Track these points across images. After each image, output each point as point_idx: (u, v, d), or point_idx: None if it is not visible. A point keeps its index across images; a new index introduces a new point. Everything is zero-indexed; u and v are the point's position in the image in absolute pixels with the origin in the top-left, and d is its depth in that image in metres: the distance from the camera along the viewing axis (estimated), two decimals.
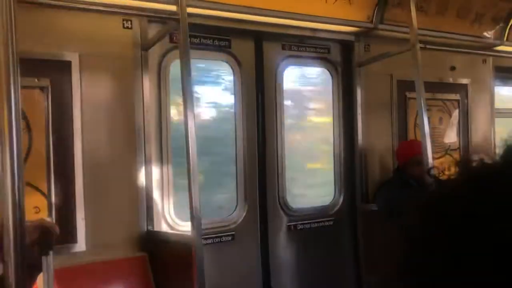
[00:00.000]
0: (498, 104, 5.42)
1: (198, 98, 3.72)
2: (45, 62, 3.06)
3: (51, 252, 2.06)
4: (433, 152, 3.79)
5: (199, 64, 3.84)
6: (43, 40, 3.03)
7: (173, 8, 2.97)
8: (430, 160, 3.65)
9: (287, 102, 4.19)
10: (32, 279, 1.96)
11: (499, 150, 0.66)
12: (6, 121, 1.64)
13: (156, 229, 3.40)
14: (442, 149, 4.86)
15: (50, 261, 2.10)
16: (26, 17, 2.66)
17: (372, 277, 4.25)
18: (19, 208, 1.64)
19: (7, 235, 1.63)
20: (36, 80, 3.02)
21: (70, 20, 3.14)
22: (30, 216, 2.30)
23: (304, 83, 4.50)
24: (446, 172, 0.70)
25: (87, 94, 3.19)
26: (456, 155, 4.86)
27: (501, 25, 5.02)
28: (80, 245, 3.13)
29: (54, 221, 2.90)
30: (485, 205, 0.60)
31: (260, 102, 4.00)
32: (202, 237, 2.91)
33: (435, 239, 0.64)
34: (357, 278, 4.39)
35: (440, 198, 0.68)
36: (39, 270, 1.96)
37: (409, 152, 4.08)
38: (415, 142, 4.37)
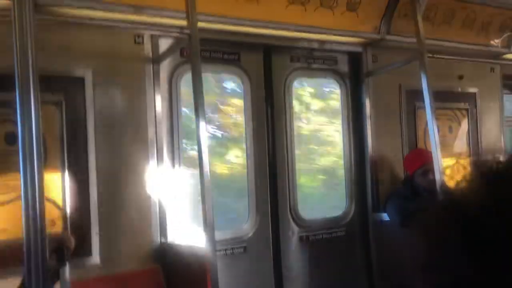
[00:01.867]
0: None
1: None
2: (59, 78, 3.12)
3: (67, 263, 2.10)
4: (443, 161, 3.80)
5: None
6: (57, 57, 3.10)
7: (183, 23, 3.02)
8: (440, 169, 3.65)
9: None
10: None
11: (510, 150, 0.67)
12: (28, 137, 1.69)
13: (169, 241, 3.43)
14: (452, 158, 4.86)
15: (66, 272, 2.14)
16: (40, 34, 2.73)
17: (384, 286, 4.23)
18: (40, 221, 1.68)
19: (29, 246, 1.67)
20: (50, 95, 3.08)
21: (83, 36, 3.20)
22: (46, 229, 2.34)
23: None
24: (456, 177, 0.72)
25: (100, 108, 3.24)
26: (466, 162, 4.85)
27: (508, 33, 5.04)
28: (95, 258, 3.15)
29: (71, 236, 2.93)
30: (501, 200, 0.62)
31: (269, 113, 4.04)
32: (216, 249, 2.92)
33: (453, 238, 0.65)
34: (369, 287, 4.37)
35: (455, 197, 0.70)
36: (55, 279, 2.00)
37: (417, 162, 4.08)
38: (423, 151, 4.38)
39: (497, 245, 0.60)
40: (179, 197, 3.57)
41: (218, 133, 4.03)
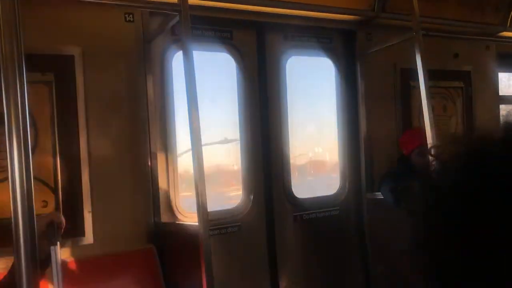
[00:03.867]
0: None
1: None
2: (48, 57, 3.07)
3: (58, 244, 2.09)
4: (437, 141, 3.79)
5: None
6: (46, 35, 3.04)
7: (174, 0, 2.97)
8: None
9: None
10: (41, 271, 1.99)
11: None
12: (14, 117, 1.66)
13: (163, 221, 3.43)
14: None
15: (58, 253, 2.13)
16: (28, 12, 2.67)
17: (378, 266, 4.27)
18: (28, 202, 1.66)
19: (17, 228, 1.65)
20: (40, 75, 3.03)
21: (72, 14, 3.14)
22: (38, 210, 2.32)
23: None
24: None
25: (91, 87, 3.20)
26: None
27: (504, 11, 4.99)
28: (88, 238, 3.15)
29: (61, 214, 2.92)
30: (482, 181, 0.61)
31: (263, 92, 4.00)
32: (209, 228, 2.93)
33: (435, 220, 0.65)
34: (363, 267, 4.41)
35: (437, 178, 0.69)
36: (48, 262, 1.99)
37: (414, 142, 4.07)
38: (419, 131, 4.36)
39: (479, 227, 0.59)
40: (171, 176, 3.55)
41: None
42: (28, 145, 1.69)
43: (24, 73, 1.73)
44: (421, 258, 0.67)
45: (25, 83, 1.73)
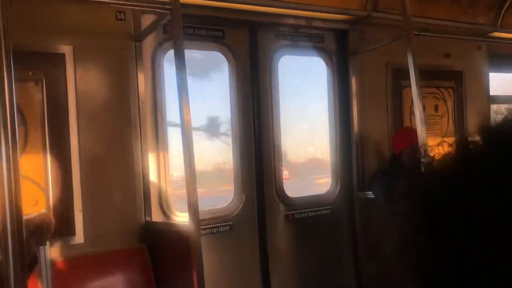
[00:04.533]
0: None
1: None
2: (38, 55, 3.05)
3: (47, 243, 2.07)
4: (428, 140, 3.81)
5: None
6: (36, 33, 3.02)
7: None
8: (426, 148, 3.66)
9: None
10: (29, 271, 1.98)
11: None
12: (1, 115, 1.64)
13: (154, 220, 3.42)
14: (438, 137, 4.88)
15: (47, 252, 2.12)
16: (19, 10, 2.65)
17: (370, 264, 4.29)
18: (16, 200, 1.65)
19: (5, 227, 1.64)
20: (30, 73, 3.01)
21: (64, 12, 3.13)
22: (28, 209, 2.31)
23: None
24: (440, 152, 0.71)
25: (82, 86, 3.18)
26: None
27: (495, 11, 5.02)
28: (78, 237, 3.14)
29: (51, 213, 2.91)
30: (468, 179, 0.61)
31: (255, 91, 4.00)
32: (200, 227, 2.92)
33: (420, 219, 0.65)
34: (355, 265, 4.42)
35: (424, 178, 0.69)
36: (36, 262, 1.98)
37: (404, 141, 4.09)
38: (411, 130, 4.38)
39: (465, 227, 0.59)
40: (162, 175, 3.54)
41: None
42: (17, 144, 1.68)
43: (12, 71, 1.72)
44: (408, 258, 0.67)
45: (13, 81, 1.72)
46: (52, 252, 2.85)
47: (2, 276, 1.69)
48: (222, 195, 4.19)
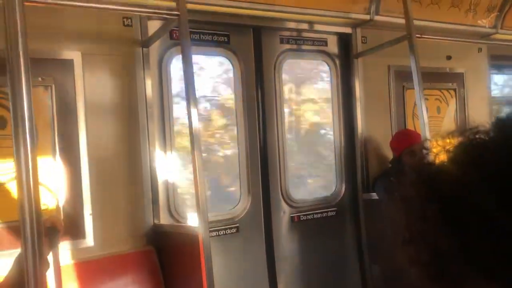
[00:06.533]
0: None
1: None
2: (48, 61, 3.09)
3: (58, 247, 2.11)
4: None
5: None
6: (45, 40, 3.07)
7: (172, 4, 3.00)
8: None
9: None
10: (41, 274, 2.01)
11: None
12: (20, 121, 1.69)
13: (162, 222, 3.46)
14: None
15: (57, 256, 2.16)
16: (27, 17, 2.70)
17: (375, 266, 4.32)
18: (35, 203, 1.69)
19: (25, 232, 1.68)
20: (39, 79, 3.06)
21: (72, 19, 3.17)
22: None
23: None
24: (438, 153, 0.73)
25: (90, 91, 3.23)
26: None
27: (495, 13, 5.07)
28: (88, 240, 3.18)
29: (62, 216, 2.95)
30: (479, 174, 0.62)
31: (260, 95, 4.05)
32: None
33: (431, 212, 0.67)
34: (360, 267, 4.45)
35: (433, 172, 0.71)
36: (47, 265, 2.02)
37: (404, 143, 4.12)
38: (409, 131, 4.43)
39: (475, 219, 0.60)
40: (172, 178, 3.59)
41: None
42: (35, 149, 1.72)
43: (30, 78, 1.76)
44: (408, 251, 0.69)
45: (30, 88, 1.76)
46: (63, 255, 2.88)
47: (21, 269, 1.73)
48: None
